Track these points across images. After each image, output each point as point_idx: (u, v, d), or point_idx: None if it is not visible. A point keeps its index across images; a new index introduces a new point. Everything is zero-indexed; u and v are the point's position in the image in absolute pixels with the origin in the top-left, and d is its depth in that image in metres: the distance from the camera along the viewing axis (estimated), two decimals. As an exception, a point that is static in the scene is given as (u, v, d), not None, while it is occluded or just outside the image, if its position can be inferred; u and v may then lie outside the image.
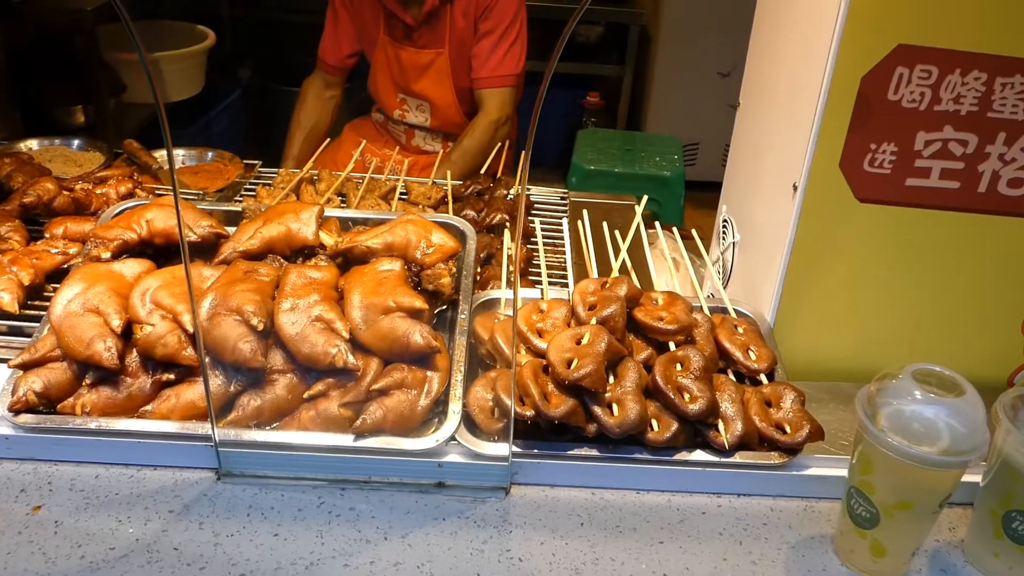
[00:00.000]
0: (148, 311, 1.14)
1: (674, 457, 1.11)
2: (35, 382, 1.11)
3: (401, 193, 1.80)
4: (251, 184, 1.89)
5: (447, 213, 1.68)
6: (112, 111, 3.29)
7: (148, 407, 1.12)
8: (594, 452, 1.11)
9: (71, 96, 3.20)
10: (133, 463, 1.11)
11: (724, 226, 1.61)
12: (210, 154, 2.07)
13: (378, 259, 1.25)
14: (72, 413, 1.12)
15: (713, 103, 4.56)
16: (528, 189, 1.86)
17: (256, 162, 2.09)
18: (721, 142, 4.69)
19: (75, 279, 1.18)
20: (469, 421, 1.13)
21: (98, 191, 1.65)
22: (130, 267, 1.23)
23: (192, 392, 1.14)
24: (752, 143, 1.49)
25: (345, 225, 1.40)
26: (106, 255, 1.25)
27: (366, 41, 2.68)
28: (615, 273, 1.35)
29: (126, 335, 1.15)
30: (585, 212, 1.48)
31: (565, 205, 1.85)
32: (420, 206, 1.76)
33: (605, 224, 1.47)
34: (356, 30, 2.67)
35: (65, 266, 1.45)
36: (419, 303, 1.15)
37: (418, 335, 1.13)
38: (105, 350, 1.11)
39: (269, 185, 1.85)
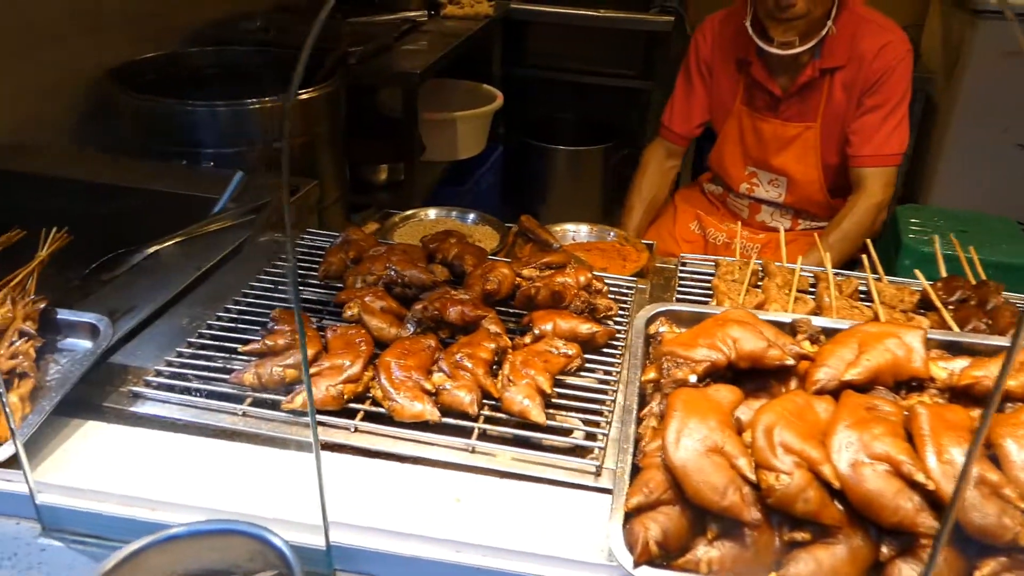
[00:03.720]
0: (779, 456, 0.97)
1: None
2: (653, 529, 0.96)
3: (861, 292, 1.60)
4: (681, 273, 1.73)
5: (936, 325, 1.46)
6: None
7: (785, 572, 0.95)
8: None
9: (383, 154, 3.22)
10: (773, 640, 0.94)
11: None
12: (611, 233, 1.93)
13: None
14: (694, 570, 0.96)
15: (1007, 177, 4.18)
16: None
17: (651, 242, 1.95)
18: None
19: (681, 411, 1.02)
20: None
21: (558, 279, 1.53)
22: (724, 395, 1.07)
23: (830, 557, 0.95)
24: None
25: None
26: (693, 378, 1.09)
27: (717, 111, 2.53)
28: None
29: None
30: None
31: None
32: (896, 310, 1.56)
33: None
34: (709, 99, 2.53)
35: (567, 368, 1.32)
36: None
37: None
38: (744, 502, 0.94)
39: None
